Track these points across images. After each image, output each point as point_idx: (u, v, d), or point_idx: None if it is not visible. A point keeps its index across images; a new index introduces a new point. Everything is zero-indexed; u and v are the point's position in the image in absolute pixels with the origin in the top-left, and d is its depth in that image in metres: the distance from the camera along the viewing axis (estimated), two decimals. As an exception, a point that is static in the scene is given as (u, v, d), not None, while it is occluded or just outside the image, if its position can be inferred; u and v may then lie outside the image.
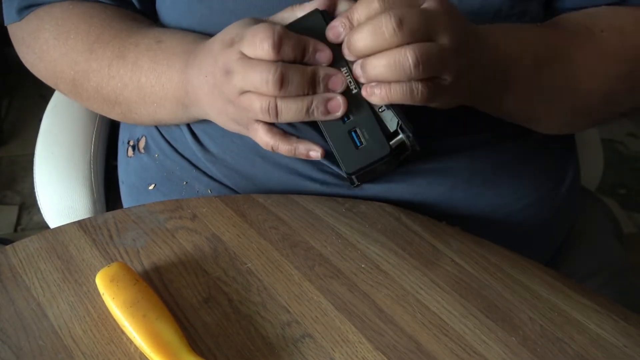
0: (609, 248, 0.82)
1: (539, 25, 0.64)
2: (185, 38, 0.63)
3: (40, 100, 1.72)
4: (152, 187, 0.72)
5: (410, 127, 0.54)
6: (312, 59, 0.53)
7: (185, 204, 0.60)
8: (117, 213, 0.59)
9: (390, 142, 0.54)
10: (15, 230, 1.68)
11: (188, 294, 0.51)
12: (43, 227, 1.34)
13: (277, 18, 0.56)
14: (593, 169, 0.92)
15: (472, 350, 0.47)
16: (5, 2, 0.71)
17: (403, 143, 0.55)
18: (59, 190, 0.77)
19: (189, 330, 0.48)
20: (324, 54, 0.53)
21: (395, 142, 0.55)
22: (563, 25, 0.65)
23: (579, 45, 0.63)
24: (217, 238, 0.57)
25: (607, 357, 0.48)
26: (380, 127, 0.54)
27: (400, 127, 0.54)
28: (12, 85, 2.11)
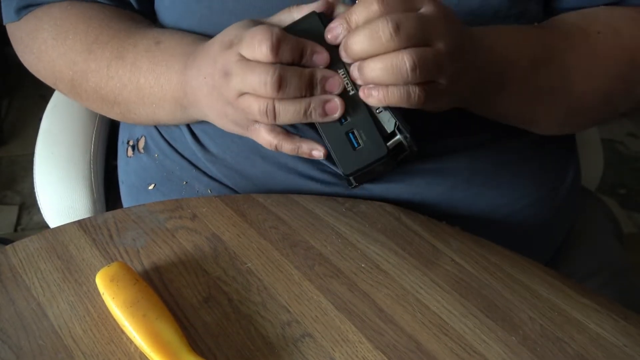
0: (609, 248, 0.82)
1: (535, 27, 0.64)
2: (184, 39, 0.63)
3: (40, 100, 1.72)
4: (151, 187, 0.72)
5: (408, 127, 0.54)
6: (309, 61, 0.53)
7: (185, 204, 0.60)
8: (117, 213, 0.59)
9: (388, 143, 0.55)
10: (15, 230, 1.68)
11: (188, 294, 0.51)
12: (43, 227, 1.34)
13: (274, 20, 0.56)
14: (593, 169, 0.92)
15: (472, 350, 0.47)
16: (4, 1, 0.71)
17: (400, 144, 0.55)
18: (59, 190, 0.77)
19: (189, 330, 0.48)
20: (321, 56, 0.53)
21: (393, 143, 0.55)
22: (559, 27, 0.65)
23: (574, 47, 0.63)
24: (217, 238, 0.57)
25: (607, 356, 0.48)
26: (378, 128, 0.54)
27: (398, 127, 0.54)
28: (12, 85, 2.11)
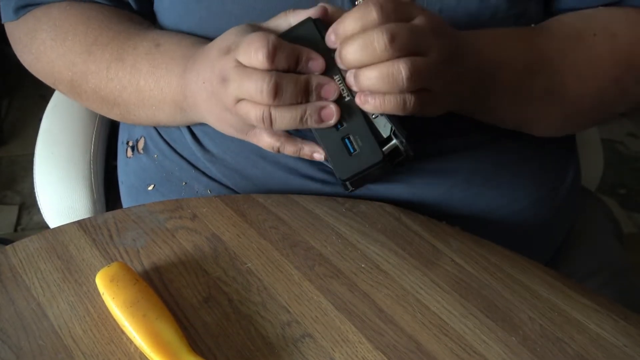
0: (609, 248, 0.82)
1: (529, 29, 0.64)
2: (183, 42, 0.63)
3: (40, 100, 1.72)
4: (151, 187, 0.72)
5: (404, 132, 0.54)
6: (305, 68, 0.54)
7: (185, 204, 0.60)
8: (117, 213, 0.59)
9: (384, 148, 0.55)
10: (15, 230, 1.68)
11: (188, 294, 0.51)
12: (43, 227, 1.34)
13: (271, 25, 0.57)
14: (593, 169, 0.92)
15: (472, 350, 0.47)
16: (3, 0, 0.71)
17: (397, 148, 0.55)
18: (59, 190, 0.77)
19: (189, 330, 0.48)
20: (317, 63, 0.54)
21: (388, 148, 0.55)
22: (554, 29, 0.65)
23: (569, 50, 0.63)
24: (217, 238, 0.57)
25: (607, 356, 0.48)
26: (374, 133, 0.55)
27: (394, 132, 0.55)
28: (12, 85, 2.11)
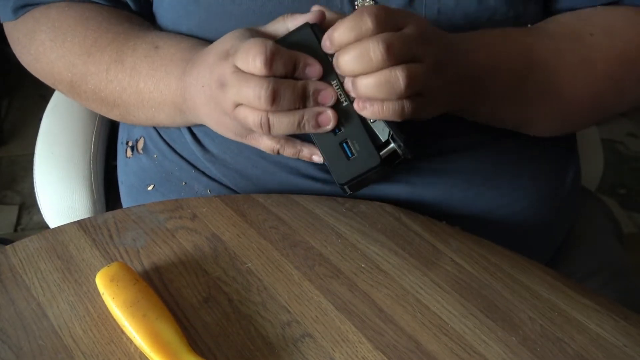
0: (609, 248, 0.82)
1: (524, 30, 0.63)
2: (183, 44, 0.63)
3: (40, 100, 1.72)
4: (150, 187, 0.72)
5: (402, 136, 0.55)
6: (302, 74, 0.54)
7: (185, 204, 0.60)
8: (117, 213, 0.59)
9: (381, 152, 0.55)
10: (15, 230, 1.68)
11: (188, 294, 0.51)
12: (43, 227, 1.34)
13: (269, 29, 0.57)
14: (593, 169, 0.92)
15: (472, 350, 0.47)
16: (2, 0, 0.71)
17: (394, 152, 0.56)
18: (59, 190, 0.77)
19: (189, 330, 0.48)
20: (314, 69, 0.54)
21: (386, 152, 0.55)
22: (550, 29, 0.64)
23: (565, 50, 0.63)
24: (217, 238, 0.57)
25: (607, 356, 0.48)
26: (371, 137, 0.55)
27: (392, 136, 0.55)
28: (12, 85, 2.11)
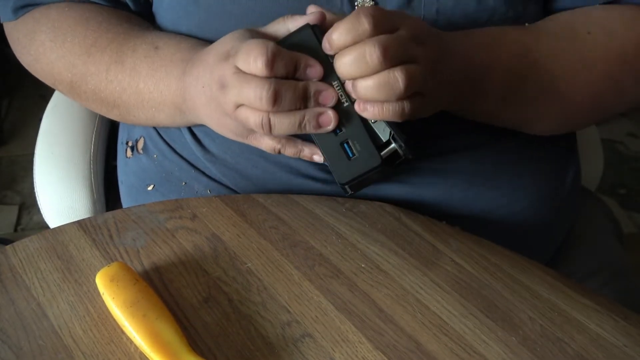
0: (609, 248, 0.82)
1: (521, 29, 0.63)
2: (182, 44, 0.63)
3: (40, 100, 1.72)
4: (150, 187, 0.72)
5: (403, 136, 0.55)
6: (303, 75, 0.54)
7: (185, 204, 0.60)
8: (117, 213, 0.59)
9: (382, 152, 0.55)
10: (15, 230, 1.68)
11: (188, 294, 0.51)
12: (43, 227, 1.34)
13: (269, 30, 0.57)
14: (593, 169, 0.92)
15: (472, 350, 0.47)
16: (1, 0, 0.71)
17: (395, 152, 0.56)
18: (59, 190, 0.77)
19: (189, 330, 0.48)
20: (315, 70, 0.54)
21: (387, 152, 0.56)
22: (548, 28, 0.64)
23: (562, 49, 0.63)
24: (217, 238, 0.57)
25: (607, 356, 0.48)
26: (372, 137, 0.55)
27: (393, 137, 0.55)
28: (12, 85, 2.11)
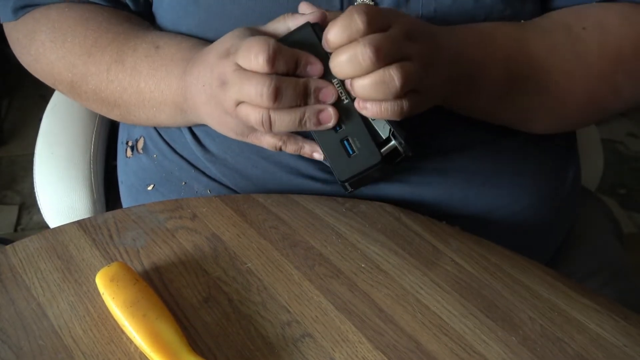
0: (609, 248, 0.82)
1: (518, 26, 0.63)
2: (183, 44, 0.63)
3: (40, 100, 1.72)
4: (150, 187, 0.72)
5: (403, 134, 0.55)
6: (303, 72, 0.54)
7: (185, 204, 0.60)
8: (117, 213, 0.59)
9: (382, 149, 0.55)
10: (15, 230, 1.68)
11: (188, 294, 0.51)
12: (43, 227, 1.34)
13: (269, 28, 0.57)
14: (593, 169, 0.92)
15: (472, 350, 0.47)
16: (1, 1, 0.71)
17: (395, 149, 0.56)
18: (59, 190, 0.77)
19: (189, 330, 0.48)
20: (315, 67, 0.54)
21: (387, 149, 0.56)
22: (543, 25, 0.64)
23: (557, 45, 0.62)
24: (217, 238, 0.57)
25: (607, 356, 0.48)
26: (372, 135, 0.55)
27: (393, 134, 0.55)
28: (12, 85, 2.11)
